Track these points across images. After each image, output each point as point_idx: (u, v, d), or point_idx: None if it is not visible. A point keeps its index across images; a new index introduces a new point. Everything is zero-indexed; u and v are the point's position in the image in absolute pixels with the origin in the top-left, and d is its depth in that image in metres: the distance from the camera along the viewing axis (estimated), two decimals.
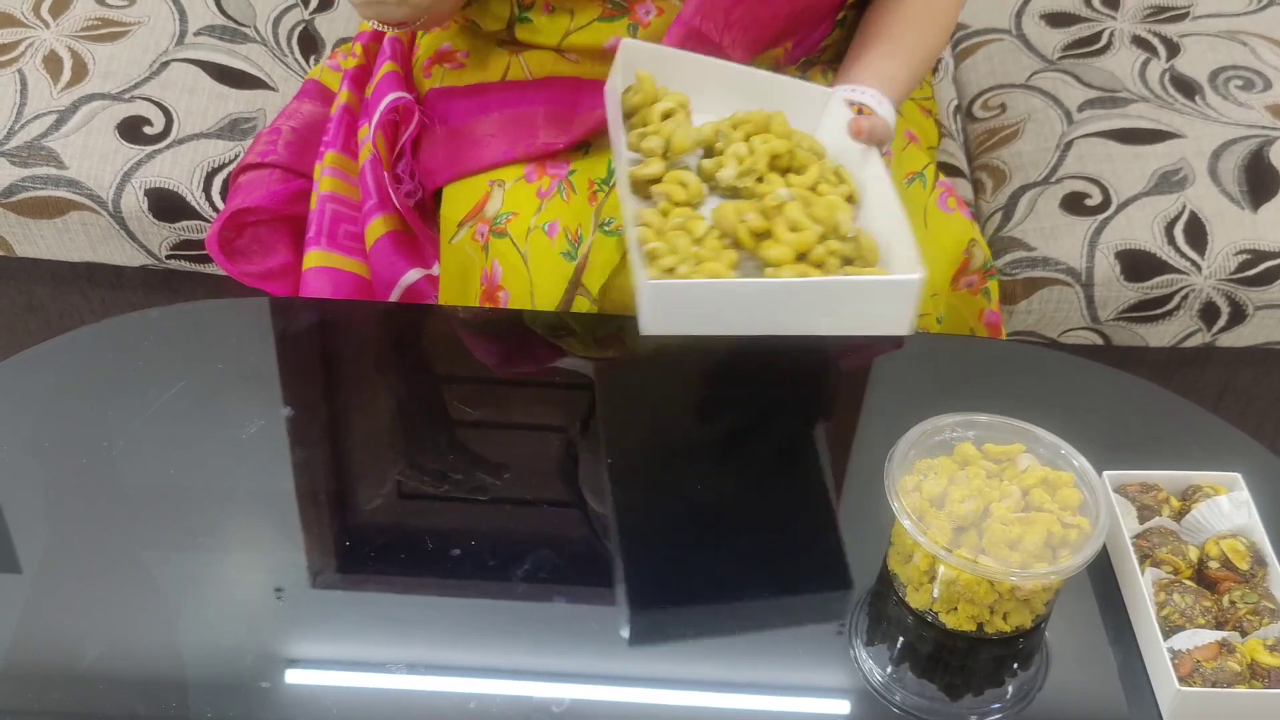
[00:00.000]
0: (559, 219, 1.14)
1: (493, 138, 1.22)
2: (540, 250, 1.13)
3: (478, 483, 0.97)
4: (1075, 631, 0.91)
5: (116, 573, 0.90)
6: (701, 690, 0.88)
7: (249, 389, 1.04)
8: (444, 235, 1.21)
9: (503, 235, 1.15)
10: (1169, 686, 0.84)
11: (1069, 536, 0.85)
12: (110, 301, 1.51)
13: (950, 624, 0.88)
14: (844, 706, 0.87)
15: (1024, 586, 0.85)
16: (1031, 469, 0.89)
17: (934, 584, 0.87)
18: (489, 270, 1.15)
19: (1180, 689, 0.83)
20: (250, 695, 0.84)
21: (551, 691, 0.85)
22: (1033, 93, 1.53)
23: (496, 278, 1.14)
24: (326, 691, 0.86)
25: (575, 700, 0.85)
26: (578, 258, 1.12)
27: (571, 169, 1.18)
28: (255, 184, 1.32)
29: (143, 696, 0.83)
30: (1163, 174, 1.41)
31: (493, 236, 1.16)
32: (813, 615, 0.91)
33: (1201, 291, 1.36)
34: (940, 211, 1.21)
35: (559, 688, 0.85)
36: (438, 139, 1.25)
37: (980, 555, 0.84)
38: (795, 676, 0.88)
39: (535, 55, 1.23)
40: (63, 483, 0.96)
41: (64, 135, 1.39)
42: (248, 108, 1.46)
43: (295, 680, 0.86)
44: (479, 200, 1.19)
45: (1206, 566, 0.91)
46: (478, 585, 0.92)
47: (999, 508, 0.86)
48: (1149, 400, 1.08)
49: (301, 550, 0.94)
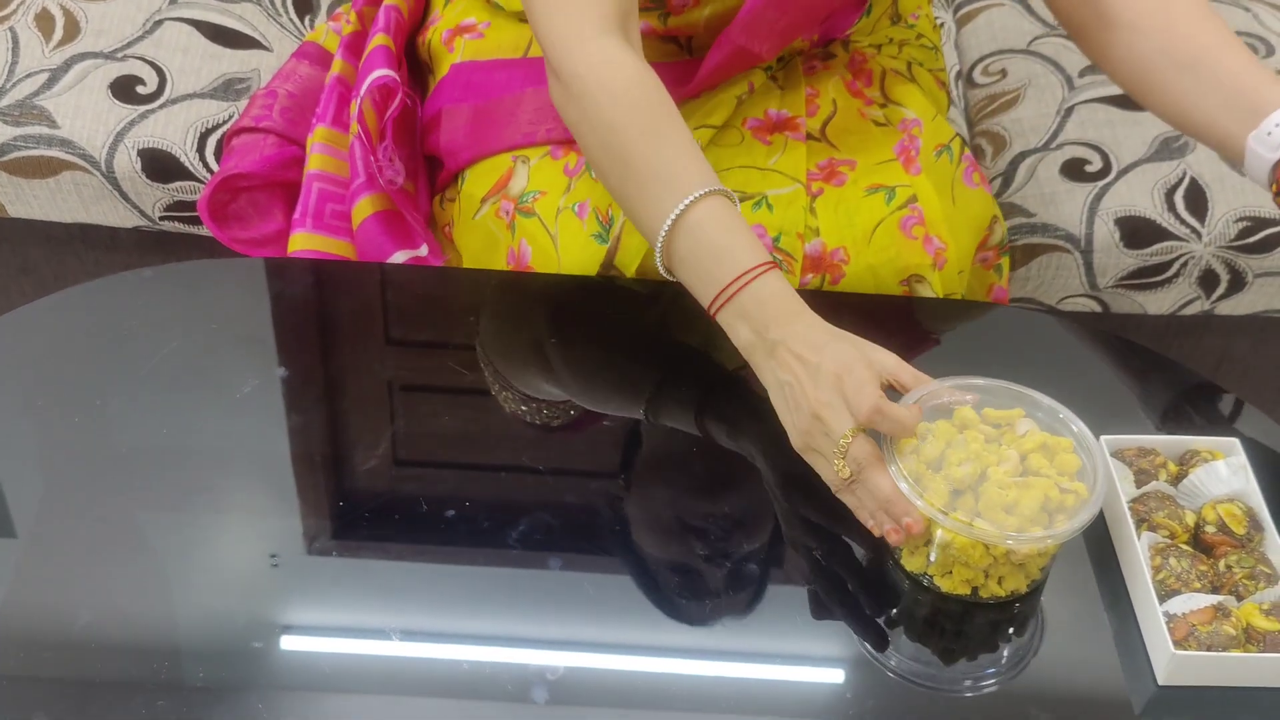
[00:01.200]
0: (589, 199, 1.11)
1: (518, 116, 1.19)
2: (570, 232, 1.11)
3: (473, 446, 0.96)
4: (1071, 595, 0.90)
5: (110, 536, 0.89)
6: (698, 659, 0.88)
7: (243, 350, 1.03)
8: (465, 212, 1.20)
9: (530, 215, 1.13)
10: (1164, 650, 0.84)
11: (1066, 502, 0.85)
12: (104, 263, 1.50)
13: (945, 588, 0.88)
14: (838, 673, 0.87)
15: (1019, 550, 0.85)
16: (1031, 434, 0.88)
17: (929, 547, 0.87)
18: (517, 250, 1.13)
19: (1175, 652, 0.83)
20: (243, 659, 0.83)
21: (547, 659, 0.84)
22: (1033, 58, 1.52)
23: (525, 258, 1.13)
24: (320, 657, 0.86)
25: (570, 668, 0.84)
26: (609, 240, 1.10)
27: None
28: (249, 148, 1.30)
29: (136, 660, 0.83)
30: (1163, 140, 1.40)
31: (519, 215, 1.14)
32: (808, 581, 0.91)
33: (1201, 259, 1.35)
34: (966, 186, 1.20)
35: (554, 655, 0.85)
36: (460, 118, 1.23)
37: (976, 519, 0.84)
38: (791, 643, 0.88)
39: None
40: (55, 444, 0.95)
41: (56, 94, 1.38)
42: (242, 68, 1.44)
43: (289, 646, 0.85)
44: (502, 175, 1.17)
45: (1203, 531, 0.91)
46: (473, 551, 0.92)
47: (996, 472, 0.85)
48: (1147, 365, 1.07)
49: (297, 515, 0.93)
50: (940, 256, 1.14)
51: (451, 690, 0.83)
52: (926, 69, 1.34)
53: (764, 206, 1.13)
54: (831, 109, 1.21)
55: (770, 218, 1.12)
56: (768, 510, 0.94)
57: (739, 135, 1.19)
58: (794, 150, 1.17)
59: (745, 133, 1.19)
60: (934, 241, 1.14)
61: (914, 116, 1.21)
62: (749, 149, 1.17)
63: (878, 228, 1.13)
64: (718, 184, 0.94)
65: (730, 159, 1.17)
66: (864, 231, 1.13)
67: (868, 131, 1.20)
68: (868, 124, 1.21)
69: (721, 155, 1.17)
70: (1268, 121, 0.96)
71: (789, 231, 1.12)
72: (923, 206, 1.14)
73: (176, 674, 0.82)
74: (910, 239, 1.13)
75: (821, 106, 1.22)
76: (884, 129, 1.20)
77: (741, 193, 1.13)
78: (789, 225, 1.12)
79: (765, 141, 1.18)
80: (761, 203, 1.13)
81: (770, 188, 1.14)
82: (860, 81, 1.25)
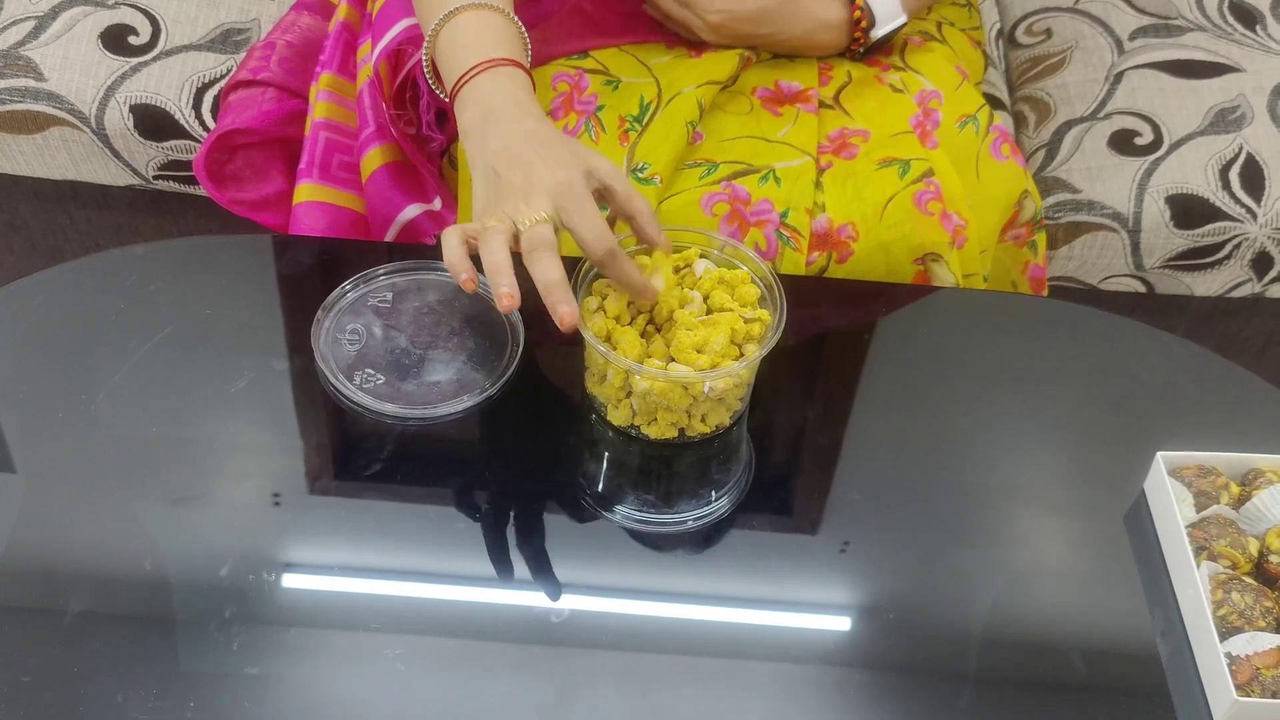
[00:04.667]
0: None
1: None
2: None
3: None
4: (1122, 630, 0.85)
5: (107, 473, 0.84)
6: (693, 603, 0.86)
7: (240, 335, 0.96)
8: (463, 173, 1.12)
9: None
10: (1225, 695, 0.78)
11: (753, 331, 0.88)
12: (96, 221, 1.43)
13: (653, 434, 0.90)
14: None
15: (717, 386, 0.86)
16: (707, 272, 0.91)
17: (631, 399, 0.89)
18: None
19: (1238, 699, 0.77)
20: (247, 597, 0.82)
21: (543, 601, 0.83)
22: (1081, 18, 1.43)
23: None
24: (325, 596, 0.84)
25: (575, 610, 0.83)
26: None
27: (600, 104, 1.09)
28: (247, 103, 1.23)
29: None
30: (1219, 111, 1.32)
31: None
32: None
33: (1255, 240, 1.28)
34: (993, 160, 1.13)
35: (550, 597, 0.84)
36: None
37: (670, 364, 0.86)
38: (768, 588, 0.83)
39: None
40: (39, 434, 0.90)
41: (43, 44, 1.30)
42: (241, 17, 1.36)
43: (292, 584, 0.83)
44: None
45: (1267, 561, 0.85)
46: (477, 494, 0.89)
47: (682, 314, 0.88)
48: (1204, 369, 1.00)
49: (297, 455, 0.91)
50: (959, 234, 1.07)
51: (446, 629, 0.83)
52: (959, 28, 1.26)
53: (771, 180, 1.06)
54: (846, 78, 1.15)
55: (778, 192, 1.06)
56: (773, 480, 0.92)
57: (748, 103, 1.12)
58: (805, 122, 1.11)
59: (755, 101, 1.13)
60: (952, 218, 1.07)
61: (933, 88, 1.14)
62: (758, 118, 1.11)
63: (890, 203, 1.06)
64: (496, 2, 0.97)
65: (738, 128, 1.10)
66: (875, 207, 1.06)
67: (884, 97, 1.14)
68: (884, 89, 1.14)
69: (728, 123, 1.11)
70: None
71: (796, 206, 1.05)
72: (940, 181, 1.07)
73: (166, 607, 0.81)
74: (926, 215, 1.06)
75: (835, 76, 1.15)
76: (900, 96, 1.14)
77: (748, 165, 1.07)
78: (796, 200, 1.06)
79: (775, 113, 1.12)
80: (769, 176, 1.06)
81: (779, 160, 1.08)
82: (878, 53, 1.18)
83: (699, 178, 1.07)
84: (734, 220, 1.05)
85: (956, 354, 1.00)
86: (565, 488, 0.89)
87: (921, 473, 0.92)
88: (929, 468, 0.92)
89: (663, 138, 1.06)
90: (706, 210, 1.05)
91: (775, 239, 1.05)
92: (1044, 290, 1.23)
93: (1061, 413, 0.96)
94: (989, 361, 1.00)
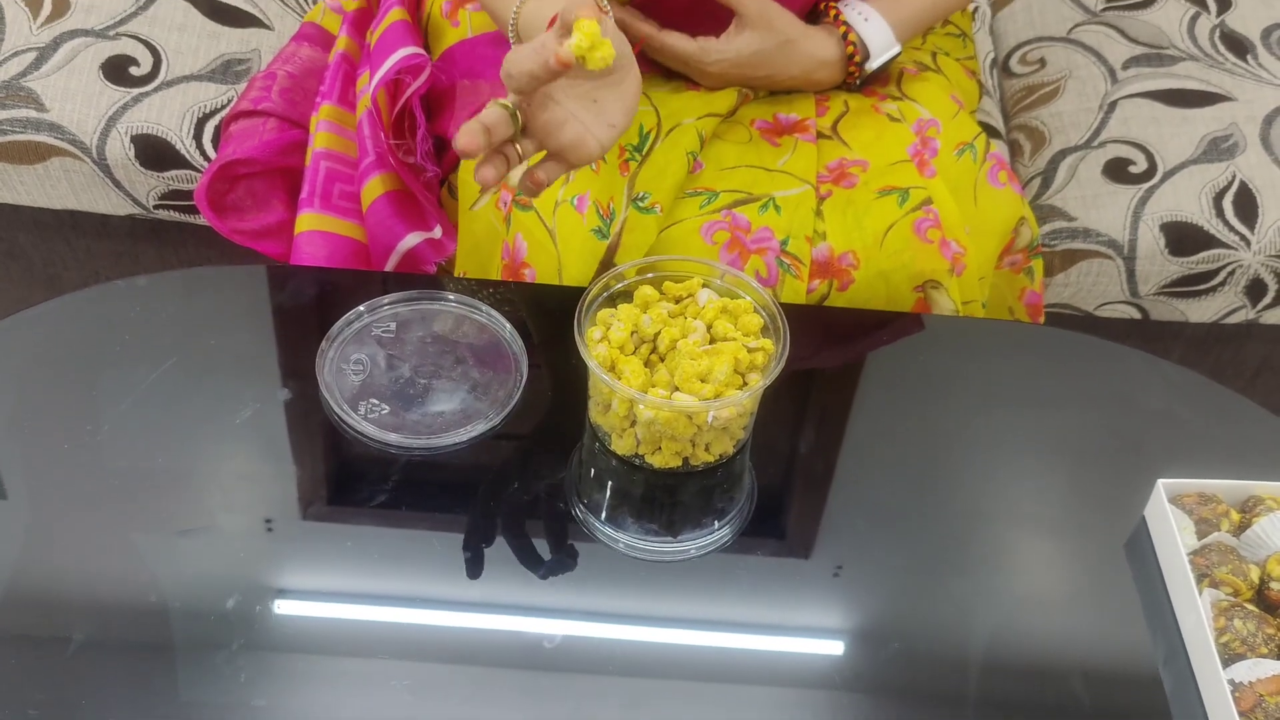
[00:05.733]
0: (589, 191, 1.05)
1: None
2: (569, 227, 1.05)
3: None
4: (1125, 657, 0.85)
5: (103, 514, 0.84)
6: (693, 629, 0.87)
7: (244, 366, 0.97)
8: (463, 202, 1.13)
9: (527, 208, 1.07)
10: None
11: (756, 360, 0.89)
12: (96, 250, 1.43)
13: (657, 463, 0.90)
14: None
15: (721, 415, 0.87)
16: (710, 301, 0.92)
17: (635, 427, 0.89)
18: (512, 245, 1.07)
19: None
20: (249, 625, 0.82)
21: (544, 627, 0.84)
22: (1074, 47, 1.44)
23: (521, 254, 1.06)
24: (330, 625, 0.84)
25: (578, 637, 0.83)
26: (610, 236, 1.05)
27: None
28: (248, 133, 1.23)
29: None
30: (1212, 140, 1.33)
31: (516, 208, 1.08)
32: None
33: (1249, 268, 1.29)
34: (991, 187, 1.14)
35: (552, 623, 0.84)
36: (462, 100, 1.16)
37: (674, 393, 0.87)
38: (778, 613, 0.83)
39: None
40: (43, 466, 0.90)
41: (44, 75, 1.30)
42: (242, 48, 1.37)
43: (297, 614, 0.84)
44: None
45: (1268, 587, 0.85)
46: (481, 522, 0.89)
47: (685, 344, 0.89)
48: (1201, 396, 1.01)
49: (300, 485, 0.91)
50: (958, 261, 1.08)
51: (452, 656, 0.83)
52: (954, 58, 1.27)
53: (771, 208, 1.07)
54: (843, 108, 1.16)
55: (778, 220, 1.06)
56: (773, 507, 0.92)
57: (746, 134, 1.13)
58: (804, 151, 1.11)
59: (753, 131, 1.13)
60: (951, 245, 1.08)
61: (930, 117, 1.15)
62: (757, 149, 1.12)
63: (890, 231, 1.07)
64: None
65: (738, 157, 1.11)
66: (875, 235, 1.07)
67: (881, 127, 1.14)
68: (881, 119, 1.15)
69: (728, 152, 1.11)
70: None
71: (797, 235, 1.06)
72: (939, 209, 1.08)
73: (171, 637, 0.81)
74: (925, 242, 1.07)
75: (832, 107, 1.16)
76: (898, 125, 1.14)
77: (748, 194, 1.08)
78: (797, 228, 1.06)
79: (774, 143, 1.12)
80: (769, 204, 1.07)
81: (778, 189, 1.08)
82: (875, 83, 1.19)
83: (699, 206, 1.08)
84: (734, 248, 1.06)
85: (956, 381, 1.01)
86: (569, 517, 0.89)
87: (923, 499, 0.92)
88: (931, 494, 0.93)
89: (663, 167, 1.07)
90: (707, 238, 1.06)
91: (776, 267, 1.06)
92: (1041, 316, 1.24)
93: (1060, 440, 0.97)
94: (989, 388, 1.01)
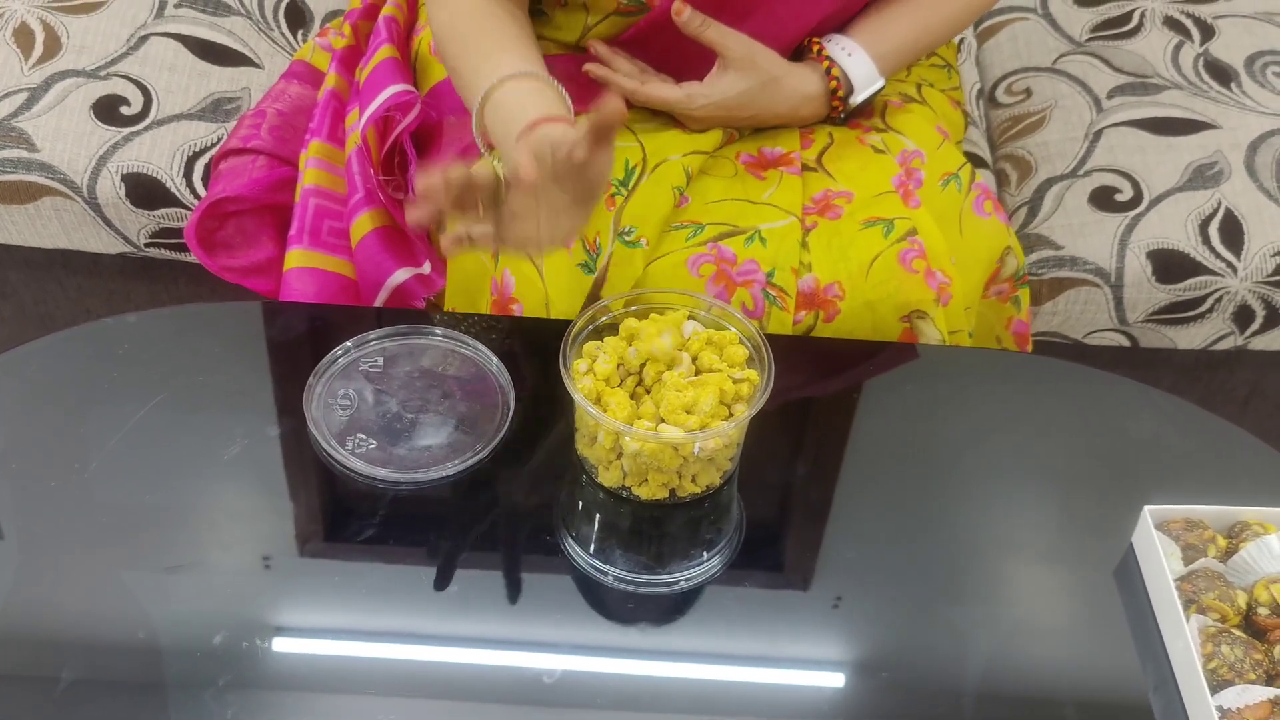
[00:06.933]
0: None
1: None
2: (556, 261, 1.05)
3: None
4: (1114, 683, 0.85)
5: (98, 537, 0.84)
6: (690, 661, 0.87)
7: (233, 403, 0.97)
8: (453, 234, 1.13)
9: None
10: None
11: (741, 391, 0.89)
12: (87, 289, 1.44)
13: (644, 495, 0.91)
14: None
15: (707, 446, 0.87)
16: (695, 333, 0.92)
17: (621, 460, 0.89)
18: (499, 280, 1.07)
19: None
20: (236, 661, 0.82)
21: (543, 662, 0.83)
22: (1059, 77, 1.46)
23: (509, 289, 1.07)
24: (319, 661, 0.84)
25: (568, 671, 0.83)
26: (596, 270, 1.05)
27: None
28: (238, 171, 1.24)
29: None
30: (1197, 168, 1.34)
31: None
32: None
33: (1236, 294, 1.29)
34: (976, 216, 1.15)
35: (551, 658, 0.84)
36: (449, 136, 1.17)
37: (660, 425, 0.86)
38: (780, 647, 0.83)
39: (551, 48, 1.16)
40: (32, 503, 0.90)
41: (35, 115, 1.31)
42: (232, 86, 1.38)
43: (286, 650, 0.84)
44: None
45: (1255, 613, 0.85)
46: (470, 556, 0.89)
47: (671, 376, 0.89)
48: (1190, 423, 1.01)
49: (290, 520, 0.91)
50: (944, 291, 1.08)
51: (439, 691, 0.83)
52: (938, 89, 1.28)
53: (757, 241, 1.07)
54: (828, 140, 1.16)
55: (764, 252, 1.07)
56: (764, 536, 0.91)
57: (732, 168, 1.14)
58: (789, 184, 1.12)
59: (739, 166, 1.14)
60: (937, 276, 1.08)
61: (914, 148, 1.16)
62: (743, 182, 1.13)
63: (875, 261, 1.07)
64: (534, 69, 1.00)
65: (723, 190, 1.12)
66: (860, 266, 1.07)
67: (866, 158, 1.15)
68: (866, 150, 1.15)
69: (713, 185, 1.12)
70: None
71: (783, 267, 1.07)
72: (924, 240, 1.08)
73: (160, 674, 0.81)
74: (911, 273, 1.07)
75: (816, 139, 1.17)
76: (883, 157, 1.15)
77: (734, 226, 1.09)
78: (782, 260, 1.07)
79: (760, 176, 1.13)
80: (754, 237, 1.07)
81: (764, 221, 1.09)
82: (860, 115, 1.20)
83: (685, 239, 1.08)
84: (720, 280, 1.06)
85: (944, 410, 1.01)
86: (557, 550, 0.89)
87: (911, 529, 0.92)
88: (918, 524, 0.93)
89: (649, 202, 1.08)
90: (693, 271, 1.07)
91: (762, 299, 1.06)
92: (1028, 345, 1.24)
93: (1049, 468, 0.97)
94: (976, 417, 1.01)
